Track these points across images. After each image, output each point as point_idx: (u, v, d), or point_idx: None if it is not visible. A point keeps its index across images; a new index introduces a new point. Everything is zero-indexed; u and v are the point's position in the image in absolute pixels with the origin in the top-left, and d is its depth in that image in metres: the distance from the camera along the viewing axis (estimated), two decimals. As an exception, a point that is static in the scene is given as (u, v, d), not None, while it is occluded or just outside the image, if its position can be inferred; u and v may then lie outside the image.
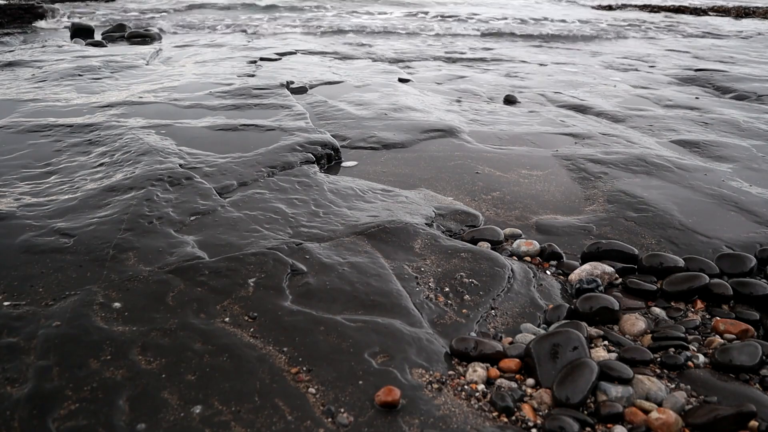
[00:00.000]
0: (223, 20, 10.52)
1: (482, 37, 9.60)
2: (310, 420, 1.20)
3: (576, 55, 7.81)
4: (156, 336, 1.42)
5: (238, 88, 4.35)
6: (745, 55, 7.99)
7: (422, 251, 1.96)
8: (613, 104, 4.61)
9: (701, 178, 2.81)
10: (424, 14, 12.47)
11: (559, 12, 14.14)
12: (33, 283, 1.62)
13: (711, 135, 3.68)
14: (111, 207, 2.09)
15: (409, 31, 9.83)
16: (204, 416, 1.19)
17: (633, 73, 6.37)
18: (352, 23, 10.28)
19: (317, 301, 1.62)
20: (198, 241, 1.90)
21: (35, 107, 3.62)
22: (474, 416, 1.24)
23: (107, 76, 4.85)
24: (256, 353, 1.39)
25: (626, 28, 11.45)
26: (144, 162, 2.54)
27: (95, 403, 1.20)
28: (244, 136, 3.11)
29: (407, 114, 3.85)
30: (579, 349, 1.39)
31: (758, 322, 1.66)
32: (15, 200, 2.15)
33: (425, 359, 1.41)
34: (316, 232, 2.03)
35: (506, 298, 1.75)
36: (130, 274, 1.68)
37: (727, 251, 2.06)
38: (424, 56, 7.10)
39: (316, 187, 2.44)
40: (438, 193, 2.56)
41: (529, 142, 3.40)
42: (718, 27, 12.25)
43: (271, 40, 8.21)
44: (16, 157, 2.66)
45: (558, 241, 2.14)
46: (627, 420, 1.24)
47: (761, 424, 1.20)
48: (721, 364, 1.43)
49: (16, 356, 1.33)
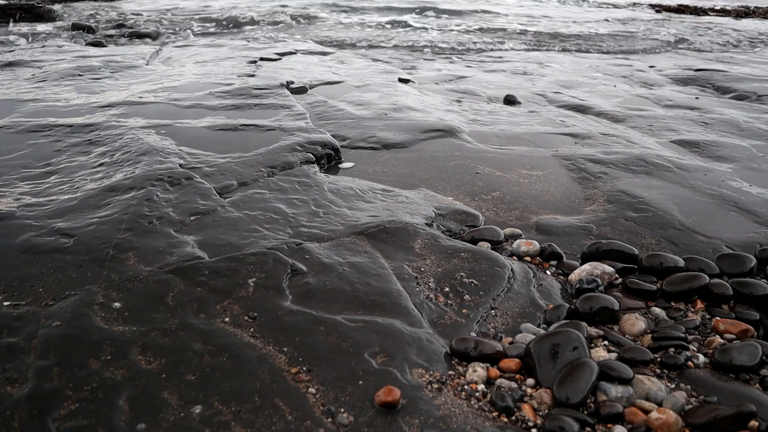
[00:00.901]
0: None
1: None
2: (310, 420, 1.20)
3: (569, 54, 7.80)
4: (156, 336, 1.42)
5: (238, 88, 4.34)
6: (746, 56, 7.99)
7: (422, 251, 1.96)
8: (613, 104, 4.61)
9: (701, 178, 2.81)
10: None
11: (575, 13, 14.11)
12: (33, 283, 1.62)
13: (711, 135, 3.68)
14: (111, 207, 2.09)
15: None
16: (204, 416, 1.19)
17: (632, 72, 6.36)
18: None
19: (317, 301, 1.62)
20: (198, 241, 1.90)
21: (35, 107, 3.62)
22: (474, 416, 1.24)
23: (107, 76, 4.85)
24: (256, 353, 1.39)
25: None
26: (144, 162, 2.54)
27: (95, 403, 1.20)
28: (244, 136, 3.11)
29: (407, 114, 3.85)
30: (579, 349, 1.39)
31: (758, 322, 1.66)
32: (15, 200, 2.15)
33: (425, 359, 1.41)
34: (316, 232, 2.03)
35: (506, 298, 1.75)
36: (130, 274, 1.68)
37: (727, 251, 2.06)
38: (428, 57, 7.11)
39: (316, 187, 2.44)
40: (438, 193, 2.56)
41: (529, 142, 3.39)
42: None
43: (271, 41, 8.20)
44: (16, 157, 2.66)
45: (558, 241, 2.14)
46: (627, 420, 1.25)
47: (761, 424, 1.20)
48: (721, 364, 1.43)
49: (16, 356, 1.33)
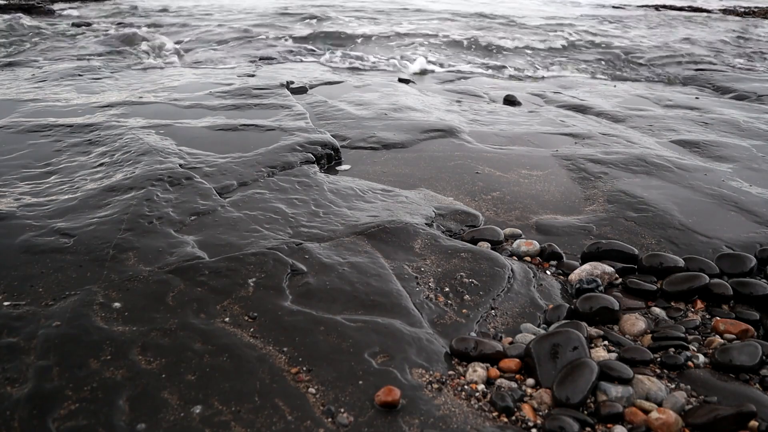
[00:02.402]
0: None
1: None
2: (310, 420, 1.20)
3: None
4: (156, 336, 1.42)
5: (238, 88, 4.35)
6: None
7: (422, 251, 1.96)
8: (613, 104, 4.61)
9: (701, 177, 2.81)
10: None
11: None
12: (33, 283, 1.62)
13: (711, 135, 3.68)
14: (111, 207, 2.09)
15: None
16: (204, 416, 1.19)
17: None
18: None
19: (317, 301, 1.62)
20: (198, 241, 1.90)
21: (35, 107, 3.62)
22: (474, 416, 1.24)
23: (107, 76, 4.85)
24: (256, 353, 1.39)
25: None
26: (144, 162, 2.54)
27: (95, 403, 1.20)
28: (244, 136, 3.11)
29: (407, 114, 3.85)
30: (579, 349, 1.39)
31: (758, 322, 1.66)
32: (15, 200, 2.15)
33: (425, 359, 1.41)
34: (316, 232, 2.03)
35: (506, 298, 1.75)
36: (130, 274, 1.68)
37: (727, 251, 2.06)
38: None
39: (316, 187, 2.44)
40: (438, 193, 2.56)
41: (528, 142, 3.39)
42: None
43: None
44: (16, 157, 2.66)
45: (558, 241, 2.14)
46: (627, 420, 1.25)
47: (761, 424, 1.20)
48: (721, 364, 1.43)
49: (16, 356, 1.33)
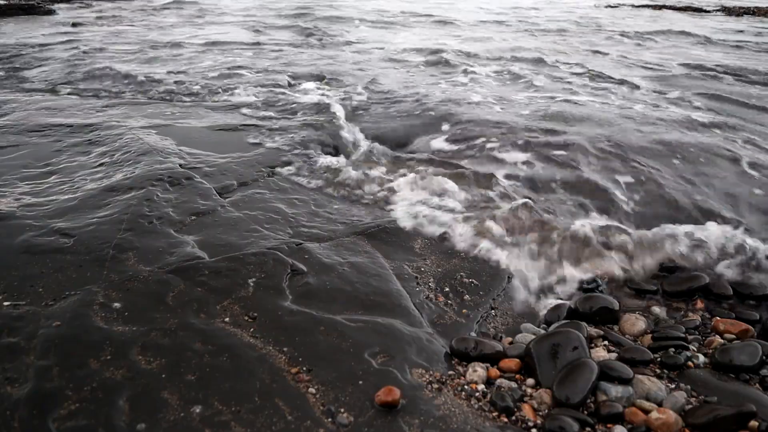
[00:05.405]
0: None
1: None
2: (310, 420, 1.20)
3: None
4: (156, 336, 1.42)
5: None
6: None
7: (422, 251, 1.96)
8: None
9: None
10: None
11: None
12: (33, 283, 1.62)
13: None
14: (111, 207, 2.09)
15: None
16: (204, 416, 1.19)
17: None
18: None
19: (317, 301, 1.62)
20: (198, 241, 1.90)
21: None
22: (474, 416, 1.24)
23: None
24: (256, 353, 1.39)
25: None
26: (144, 162, 2.54)
27: (95, 403, 1.20)
28: (244, 135, 3.11)
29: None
30: (579, 349, 1.39)
31: (758, 322, 1.66)
32: (15, 200, 2.15)
33: (425, 359, 1.41)
34: (316, 232, 2.03)
35: (506, 298, 1.75)
36: (130, 274, 1.68)
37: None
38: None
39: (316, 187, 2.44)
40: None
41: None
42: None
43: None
44: (16, 157, 2.66)
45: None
46: (627, 420, 1.24)
47: (761, 424, 1.20)
48: (721, 364, 1.43)
49: (16, 356, 1.33)
